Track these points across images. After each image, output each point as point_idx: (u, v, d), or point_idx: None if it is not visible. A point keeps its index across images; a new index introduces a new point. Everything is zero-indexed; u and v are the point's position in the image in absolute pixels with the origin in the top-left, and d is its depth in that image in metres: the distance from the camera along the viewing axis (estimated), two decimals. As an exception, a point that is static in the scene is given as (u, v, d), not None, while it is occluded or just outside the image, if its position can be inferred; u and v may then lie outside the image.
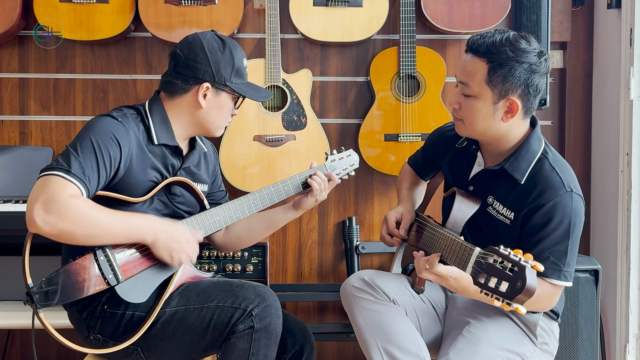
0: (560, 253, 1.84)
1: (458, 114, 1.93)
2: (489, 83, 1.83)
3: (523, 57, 1.82)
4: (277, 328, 1.90)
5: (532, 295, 1.49)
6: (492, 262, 1.57)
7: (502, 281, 1.53)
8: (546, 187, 1.86)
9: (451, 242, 1.78)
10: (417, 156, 2.33)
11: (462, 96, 1.89)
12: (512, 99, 1.84)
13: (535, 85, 1.85)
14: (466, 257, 1.67)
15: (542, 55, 1.85)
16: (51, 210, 1.71)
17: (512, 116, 1.87)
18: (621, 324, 2.81)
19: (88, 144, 1.82)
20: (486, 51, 1.83)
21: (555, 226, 1.83)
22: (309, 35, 2.91)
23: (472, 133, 1.94)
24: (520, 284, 1.49)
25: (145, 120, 1.97)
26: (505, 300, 1.52)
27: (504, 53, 1.81)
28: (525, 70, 1.82)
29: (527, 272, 1.49)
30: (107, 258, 1.83)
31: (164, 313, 1.89)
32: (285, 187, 2.12)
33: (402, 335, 1.90)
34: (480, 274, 1.59)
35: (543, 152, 1.92)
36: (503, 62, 1.81)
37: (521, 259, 1.53)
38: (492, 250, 1.59)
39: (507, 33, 1.85)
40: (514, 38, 1.84)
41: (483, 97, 1.85)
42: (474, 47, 1.86)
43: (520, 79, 1.82)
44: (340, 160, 2.23)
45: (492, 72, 1.82)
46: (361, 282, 2.02)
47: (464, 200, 1.97)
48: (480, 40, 1.85)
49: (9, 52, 3.03)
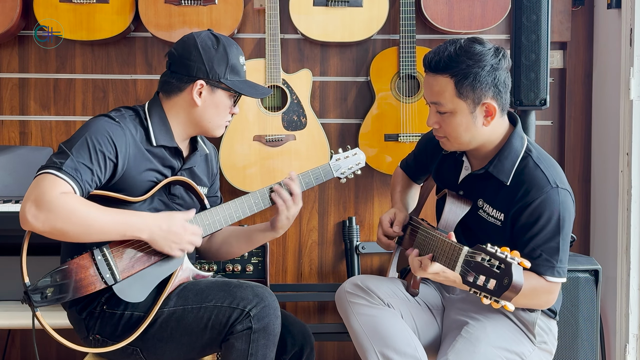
0: (553, 250, 1.85)
1: (440, 132, 1.93)
2: (460, 96, 1.84)
3: (482, 60, 1.82)
4: (276, 328, 1.89)
5: (519, 291, 1.50)
6: (479, 260, 1.58)
7: (490, 279, 1.54)
8: (532, 185, 1.86)
9: (442, 242, 1.78)
10: (409, 160, 2.34)
11: (438, 115, 1.89)
12: (487, 102, 1.85)
13: (503, 81, 1.86)
14: (455, 256, 1.68)
15: (499, 52, 1.86)
16: (42, 207, 1.71)
17: (492, 118, 1.88)
18: (621, 324, 2.81)
19: (83, 143, 1.82)
20: (446, 66, 1.83)
21: (545, 223, 1.84)
22: (309, 35, 2.91)
23: (460, 146, 1.94)
24: (507, 280, 1.50)
25: (144, 121, 1.97)
26: (493, 298, 1.53)
27: (463, 63, 1.82)
28: (488, 73, 1.83)
29: (513, 268, 1.50)
30: (104, 257, 1.83)
31: (162, 313, 1.89)
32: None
33: (398, 337, 1.90)
34: (469, 272, 1.61)
35: (526, 150, 1.92)
36: (466, 72, 1.82)
37: (507, 255, 1.54)
38: (480, 248, 1.60)
39: (458, 42, 1.85)
40: (466, 45, 1.84)
41: (459, 111, 1.86)
42: (432, 65, 1.86)
43: (487, 82, 1.83)
44: (345, 159, 2.21)
45: (459, 85, 1.83)
46: (355, 288, 2.02)
47: (455, 201, 1.98)
48: (436, 57, 1.85)
49: (9, 52, 3.03)
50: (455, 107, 1.86)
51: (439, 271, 1.79)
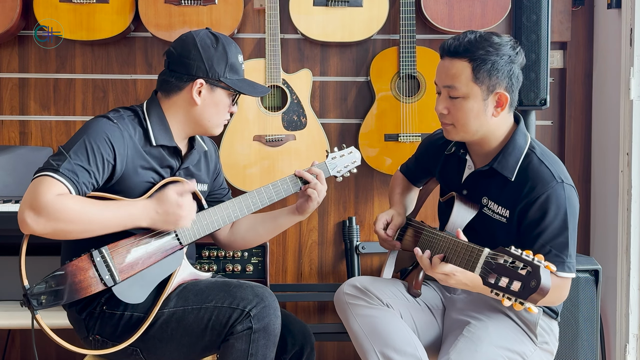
0: (562, 245, 1.85)
1: (447, 119, 1.93)
2: (475, 80, 1.86)
3: (501, 49, 1.86)
4: (276, 328, 1.89)
5: (546, 294, 1.50)
6: (502, 262, 1.58)
7: (514, 281, 1.54)
8: (537, 180, 1.86)
9: (455, 244, 1.78)
10: (409, 164, 2.34)
11: (450, 100, 1.90)
12: (500, 92, 1.87)
13: (517, 76, 1.90)
14: (474, 257, 1.67)
15: (517, 46, 1.90)
16: (39, 211, 1.71)
17: (502, 109, 1.89)
18: (621, 324, 2.81)
19: (81, 144, 1.82)
20: (465, 50, 1.86)
21: (552, 218, 1.84)
22: (309, 35, 2.91)
23: (465, 135, 1.94)
24: (535, 283, 1.50)
25: (143, 122, 1.96)
26: (519, 300, 1.53)
27: (483, 49, 1.85)
28: (506, 63, 1.86)
29: (541, 271, 1.50)
30: (103, 259, 1.83)
31: (162, 314, 1.89)
32: (285, 186, 2.11)
33: (397, 337, 1.90)
34: (490, 274, 1.60)
35: (530, 147, 1.93)
36: (485, 57, 1.84)
37: (534, 259, 1.54)
38: (503, 250, 1.60)
39: (477, 32, 1.89)
40: (486, 35, 1.88)
41: (472, 96, 1.87)
42: (452, 49, 1.88)
43: (504, 72, 1.86)
44: (341, 157, 2.22)
45: (476, 69, 1.85)
46: (353, 289, 2.02)
47: (462, 205, 1.97)
48: (455, 42, 1.88)
49: (9, 52, 3.03)
50: (469, 92, 1.86)
51: (449, 272, 1.78)
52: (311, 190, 2.09)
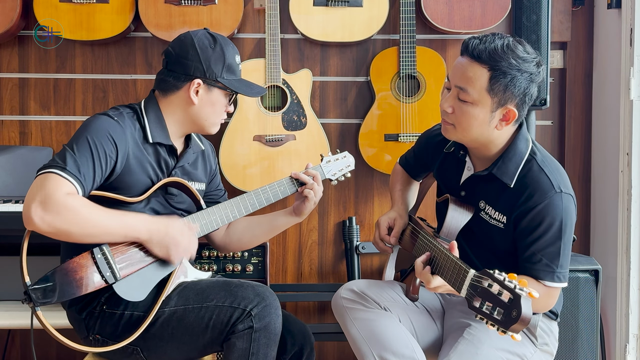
0: (553, 255, 1.83)
1: (450, 118, 1.87)
2: (489, 91, 1.79)
3: (524, 66, 1.78)
4: (277, 327, 1.90)
5: (528, 323, 1.46)
6: (486, 286, 1.54)
7: (497, 307, 1.50)
8: (535, 189, 1.83)
9: (446, 258, 1.74)
10: (408, 157, 2.31)
11: (457, 101, 1.84)
12: (510, 107, 1.81)
13: (531, 94, 1.83)
14: (461, 278, 1.64)
15: (540, 65, 1.82)
16: (48, 208, 1.72)
17: (507, 124, 1.84)
18: (621, 324, 2.81)
19: (84, 142, 1.83)
20: (489, 58, 1.77)
21: (547, 228, 1.82)
22: (309, 35, 2.91)
23: (463, 138, 1.90)
24: (516, 313, 1.45)
25: (141, 119, 1.98)
26: (500, 328, 1.49)
27: (506, 61, 1.77)
28: (525, 80, 1.79)
29: (522, 301, 1.45)
30: (104, 256, 1.83)
31: (162, 313, 1.89)
32: (281, 188, 2.12)
33: (395, 340, 1.89)
34: (474, 297, 1.56)
35: (531, 152, 1.89)
36: (506, 70, 1.77)
37: (516, 286, 1.48)
38: (487, 274, 1.55)
39: (506, 39, 1.81)
40: (514, 45, 1.79)
41: (482, 105, 1.81)
42: (475, 52, 1.79)
43: (520, 89, 1.79)
44: (335, 161, 2.24)
45: (494, 80, 1.78)
46: (351, 293, 2.02)
47: (457, 208, 1.94)
48: (481, 45, 1.79)
49: (9, 52, 3.03)
50: (480, 99, 1.80)
51: (440, 285, 1.77)
52: (308, 190, 2.10)
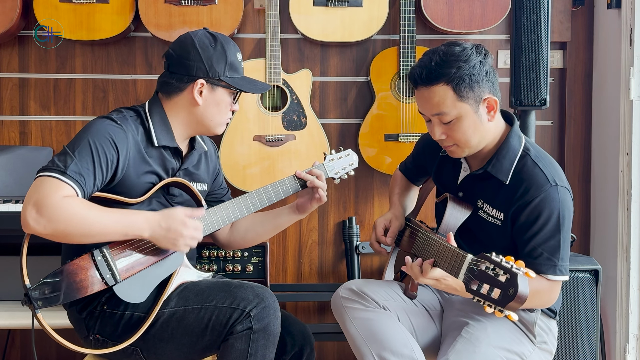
0: (553, 248, 1.84)
1: (448, 141, 1.91)
2: (461, 99, 1.83)
3: (470, 59, 1.82)
4: (276, 329, 1.89)
5: (524, 302, 1.49)
6: (484, 269, 1.57)
7: (494, 288, 1.53)
8: (531, 183, 1.86)
9: (443, 248, 1.77)
10: (408, 162, 2.34)
11: (443, 125, 1.88)
12: (486, 97, 1.86)
13: (493, 75, 1.87)
14: (458, 263, 1.67)
15: (480, 49, 1.86)
16: (43, 211, 1.71)
17: (495, 112, 1.88)
18: (621, 324, 2.81)
19: (85, 145, 1.82)
20: (438, 75, 1.82)
21: (545, 222, 1.83)
22: (309, 35, 2.91)
23: (470, 150, 1.93)
24: (512, 291, 1.49)
25: (146, 122, 1.97)
26: (498, 307, 1.53)
27: (453, 66, 1.81)
28: (479, 68, 1.83)
29: (519, 279, 1.49)
30: (104, 258, 1.83)
31: (162, 313, 1.89)
32: (284, 187, 2.12)
33: (394, 339, 1.90)
34: (472, 280, 1.59)
35: (524, 149, 1.92)
36: (460, 74, 1.81)
37: (513, 266, 1.52)
38: (484, 257, 1.59)
39: (438, 50, 1.85)
40: (447, 50, 1.84)
41: (464, 114, 1.85)
42: (424, 77, 1.84)
43: (482, 79, 1.84)
44: (339, 160, 2.23)
45: (457, 88, 1.82)
46: (349, 292, 2.02)
47: (456, 206, 1.97)
48: (425, 69, 1.84)
49: (9, 52, 3.03)
50: (459, 112, 1.84)
51: (440, 277, 1.79)
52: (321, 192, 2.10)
